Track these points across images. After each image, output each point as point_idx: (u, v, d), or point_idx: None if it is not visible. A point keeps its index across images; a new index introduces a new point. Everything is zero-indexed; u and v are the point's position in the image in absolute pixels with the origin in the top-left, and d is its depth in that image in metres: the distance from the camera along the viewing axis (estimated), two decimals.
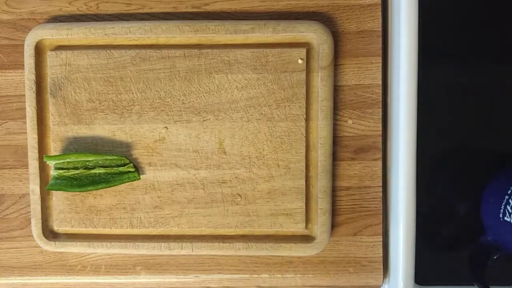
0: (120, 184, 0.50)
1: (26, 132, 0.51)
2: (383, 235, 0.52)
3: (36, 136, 0.50)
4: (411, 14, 0.49)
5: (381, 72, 0.51)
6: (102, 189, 0.50)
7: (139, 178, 0.50)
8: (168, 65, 0.49)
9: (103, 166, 0.50)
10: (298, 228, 0.50)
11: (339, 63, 0.51)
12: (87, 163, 0.50)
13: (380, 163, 0.51)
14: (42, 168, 0.51)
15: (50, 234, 0.52)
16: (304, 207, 0.50)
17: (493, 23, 0.50)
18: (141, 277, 0.53)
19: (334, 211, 0.51)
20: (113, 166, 0.50)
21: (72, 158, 0.49)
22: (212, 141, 0.50)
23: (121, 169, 0.50)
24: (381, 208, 0.52)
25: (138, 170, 0.50)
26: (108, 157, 0.50)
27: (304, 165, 0.50)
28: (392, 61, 0.51)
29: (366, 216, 0.52)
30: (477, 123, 0.50)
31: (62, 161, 0.50)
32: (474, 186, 0.50)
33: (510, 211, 0.46)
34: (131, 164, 0.50)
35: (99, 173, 0.50)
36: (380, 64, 0.51)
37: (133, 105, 0.50)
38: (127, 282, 0.53)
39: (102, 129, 0.50)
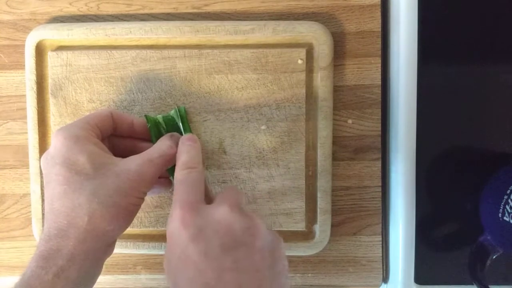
0: None
1: (27, 132, 0.51)
2: (382, 234, 0.52)
3: (37, 136, 0.51)
4: (411, 14, 0.49)
5: (380, 73, 0.51)
6: None
7: None
8: (169, 66, 0.50)
9: None
10: (298, 227, 0.50)
11: (339, 64, 0.51)
12: None
13: (379, 163, 0.51)
14: None
15: None
16: (304, 207, 0.50)
17: (492, 23, 0.50)
18: (141, 276, 0.53)
19: (333, 211, 0.51)
20: None
21: None
22: (212, 141, 0.50)
23: None
24: (381, 207, 0.52)
25: None
26: None
27: (304, 165, 0.50)
28: (392, 61, 0.51)
29: (365, 216, 0.52)
30: (476, 123, 0.50)
31: None
32: (473, 186, 0.50)
33: (509, 210, 0.46)
34: None
35: None
36: (380, 65, 0.51)
37: (134, 105, 0.50)
38: (128, 282, 0.53)
39: None
